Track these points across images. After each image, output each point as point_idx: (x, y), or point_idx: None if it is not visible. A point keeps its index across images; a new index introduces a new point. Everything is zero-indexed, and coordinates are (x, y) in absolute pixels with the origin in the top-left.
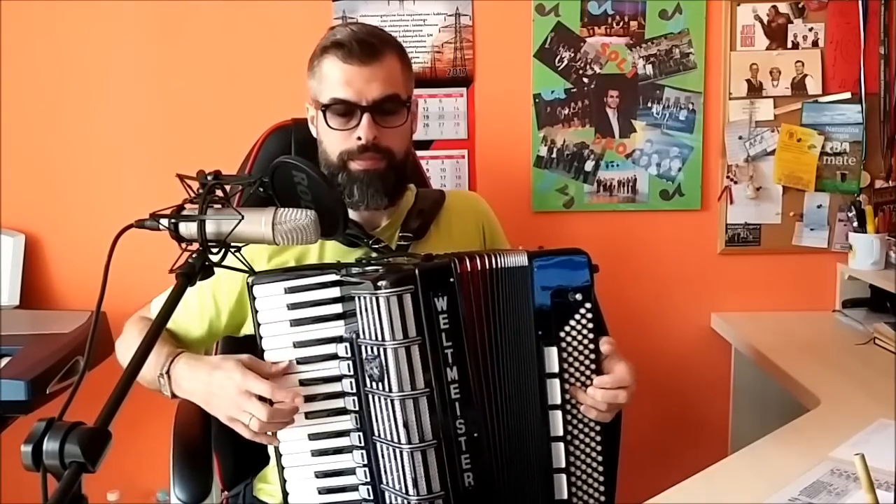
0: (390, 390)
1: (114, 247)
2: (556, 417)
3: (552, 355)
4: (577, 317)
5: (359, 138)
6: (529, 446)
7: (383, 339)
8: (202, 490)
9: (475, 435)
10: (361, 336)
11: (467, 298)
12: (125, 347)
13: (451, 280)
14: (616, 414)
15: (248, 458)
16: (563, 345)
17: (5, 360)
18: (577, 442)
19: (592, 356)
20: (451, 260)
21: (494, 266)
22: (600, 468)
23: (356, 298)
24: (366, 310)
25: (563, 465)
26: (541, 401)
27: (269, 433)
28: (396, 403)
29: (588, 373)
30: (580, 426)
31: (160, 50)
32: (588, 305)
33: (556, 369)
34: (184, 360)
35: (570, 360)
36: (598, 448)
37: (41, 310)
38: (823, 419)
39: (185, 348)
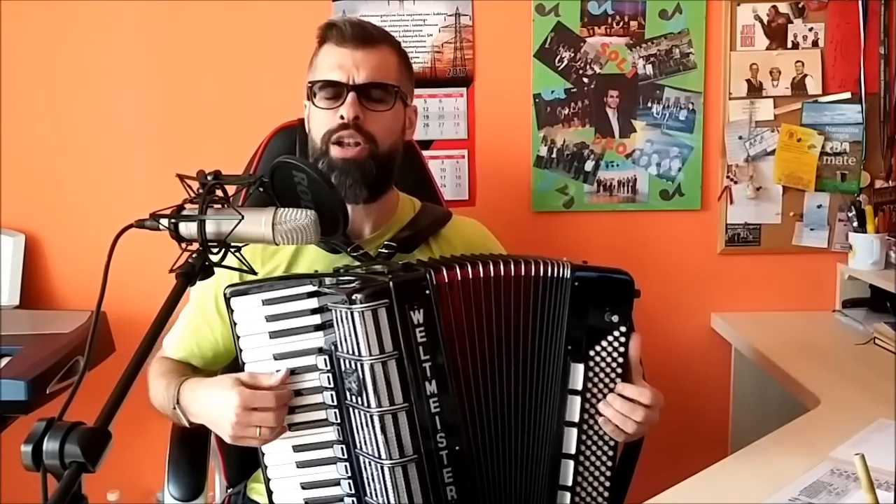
0: (369, 405)
1: (114, 247)
2: (571, 435)
3: (578, 372)
4: (610, 338)
5: (341, 116)
6: (534, 461)
7: (360, 354)
8: (195, 487)
9: (457, 448)
10: (339, 349)
11: (451, 309)
12: (154, 388)
13: (427, 292)
14: (636, 443)
15: (252, 456)
16: (591, 364)
17: (5, 360)
18: (587, 463)
19: (618, 380)
20: (427, 271)
21: (506, 273)
22: (606, 493)
23: (333, 311)
24: (342, 323)
25: (570, 483)
26: (558, 416)
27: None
28: (375, 418)
29: None
30: (593, 448)
31: (161, 50)
32: (623, 329)
33: (579, 387)
34: (186, 388)
35: (596, 380)
36: (608, 473)
37: (41, 310)
38: (823, 419)
39: (206, 370)
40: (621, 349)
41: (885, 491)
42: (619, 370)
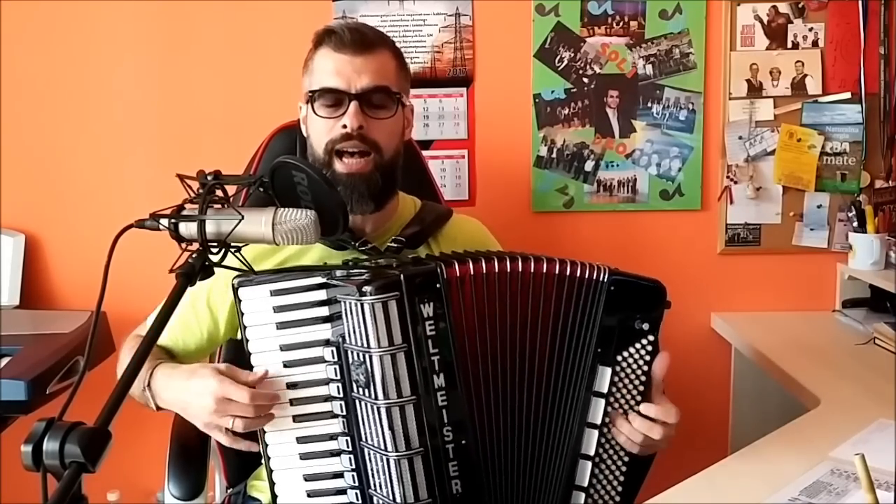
0: (376, 398)
1: (114, 247)
2: (592, 436)
3: (605, 375)
4: (638, 346)
5: (344, 126)
6: (550, 459)
7: (369, 346)
8: (195, 486)
9: (463, 442)
10: (347, 341)
11: (462, 303)
12: (124, 364)
13: (438, 286)
14: (649, 456)
15: (252, 456)
16: (618, 368)
17: (5, 360)
18: (603, 466)
19: (641, 388)
20: (438, 265)
21: (524, 271)
22: (618, 498)
23: (342, 302)
24: (351, 315)
25: (586, 484)
26: (580, 417)
27: (250, 437)
28: (382, 411)
29: (633, 402)
30: (611, 451)
31: (162, 50)
32: (651, 338)
33: (605, 389)
34: (161, 371)
35: (620, 385)
36: (622, 478)
37: (41, 310)
38: (823, 419)
39: (184, 361)
40: (647, 357)
41: (885, 491)
42: (644, 378)
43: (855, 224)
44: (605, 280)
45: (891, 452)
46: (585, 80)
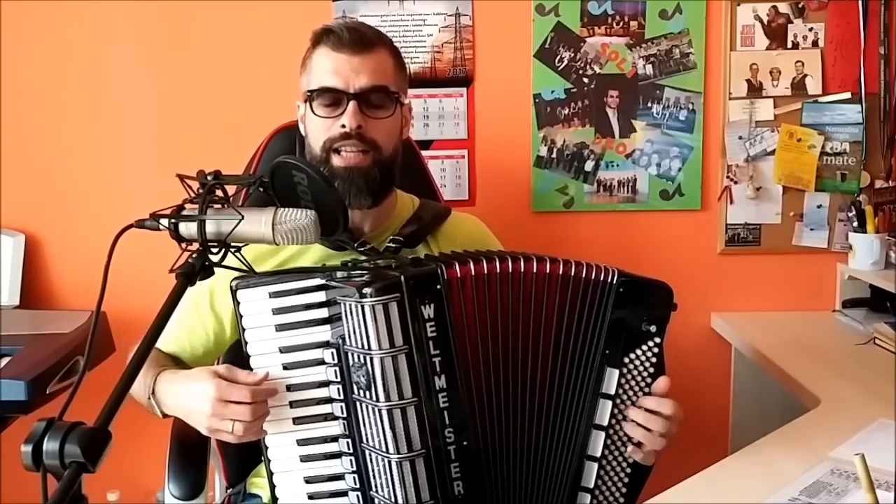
0: (377, 399)
1: (114, 247)
2: (599, 437)
3: (613, 377)
4: (644, 348)
5: (343, 125)
6: (556, 460)
7: (369, 348)
8: (195, 486)
9: (465, 443)
10: (347, 342)
11: (463, 304)
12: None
13: (438, 287)
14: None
15: (252, 456)
16: (624, 370)
17: (5, 360)
18: (608, 467)
19: (647, 390)
20: (438, 265)
21: (527, 271)
22: (622, 499)
23: (342, 304)
24: (351, 316)
25: (592, 485)
26: (587, 418)
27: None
28: (384, 412)
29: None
30: (616, 453)
31: (162, 50)
32: (657, 340)
33: (612, 391)
34: (163, 378)
35: (627, 387)
36: (626, 480)
37: (41, 310)
38: (823, 419)
39: (194, 367)
40: (654, 359)
41: (885, 491)
42: (650, 380)
43: (855, 224)
44: (615, 281)
45: (891, 452)
46: (585, 80)
